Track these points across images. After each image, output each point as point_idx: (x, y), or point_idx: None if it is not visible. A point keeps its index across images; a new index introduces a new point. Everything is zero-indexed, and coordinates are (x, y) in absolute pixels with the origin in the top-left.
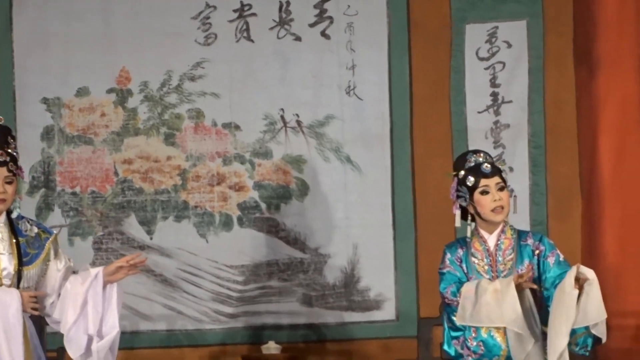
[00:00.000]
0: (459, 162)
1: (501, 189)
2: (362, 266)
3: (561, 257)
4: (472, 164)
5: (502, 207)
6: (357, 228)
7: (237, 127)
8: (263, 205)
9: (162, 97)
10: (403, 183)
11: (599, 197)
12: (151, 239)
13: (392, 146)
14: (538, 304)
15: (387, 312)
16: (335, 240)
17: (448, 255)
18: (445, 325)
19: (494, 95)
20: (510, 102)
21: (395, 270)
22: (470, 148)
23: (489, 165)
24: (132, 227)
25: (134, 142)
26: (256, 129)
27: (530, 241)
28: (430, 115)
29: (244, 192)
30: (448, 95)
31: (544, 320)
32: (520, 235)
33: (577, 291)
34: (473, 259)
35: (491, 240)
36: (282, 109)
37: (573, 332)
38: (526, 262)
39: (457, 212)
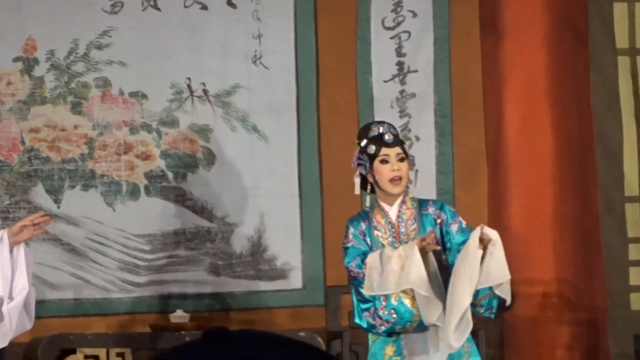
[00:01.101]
0: (363, 131)
1: (401, 159)
2: (269, 235)
3: (464, 224)
4: (375, 134)
5: (400, 178)
6: (263, 197)
7: (144, 96)
8: (170, 174)
9: (69, 66)
10: (309, 153)
11: (505, 166)
12: (58, 207)
13: (299, 115)
14: (444, 273)
15: (294, 281)
16: (242, 209)
17: (351, 230)
18: (354, 299)
19: (400, 64)
20: (415, 71)
21: (302, 240)
22: (376, 117)
23: (391, 135)
24: (39, 196)
25: (40, 110)
26: (163, 98)
27: (431, 210)
28: (337, 85)
29: (151, 161)
30: (354, 65)
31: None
32: (421, 204)
33: (481, 251)
34: (376, 232)
35: (392, 211)
36: (189, 78)
37: (477, 294)
38: (428, 230)
39: (357, 180)
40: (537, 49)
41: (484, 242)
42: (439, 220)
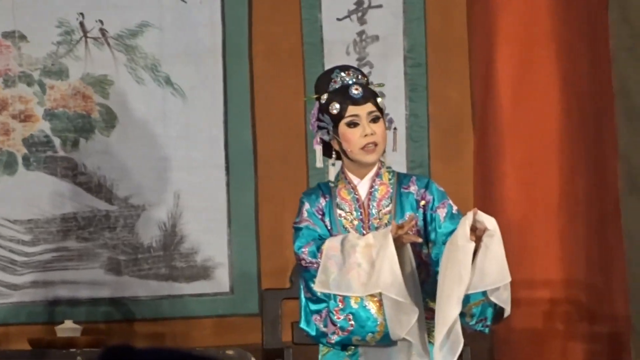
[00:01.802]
0: (322, 81)
1: (375, 119)
2: (187, 221)
3: (454, 209)
4: (338, 85)
5: (376, 144)
6: (179, 171)
7: (23, 38)
8: (57, 141)
9: None
10: (239, 112)
11: (497, 131)
12: None
13: (225, 63)
14: (425, 271)
15: (219, 283)
16: (151, 187)
17: (306, 206)
18: (303, 297)
19: None
20: (379, 6)
21: (229, 227)
22: (327, 65)
23: (359, 88)
24: None
25: None
26: (47, 40)
27: (413, 188)
28: (275, 23)
29: (32, 123)
30: None
31: (432, 293)
32: (400, 180)
33: (473, 244)
34: (339, 211)
35: (362, 186)
36: (82, 14)
37: (467, 300)
38: (408, 215)
39: (318, 148)
40: None
41: (477, 233)
42: (422, 202)
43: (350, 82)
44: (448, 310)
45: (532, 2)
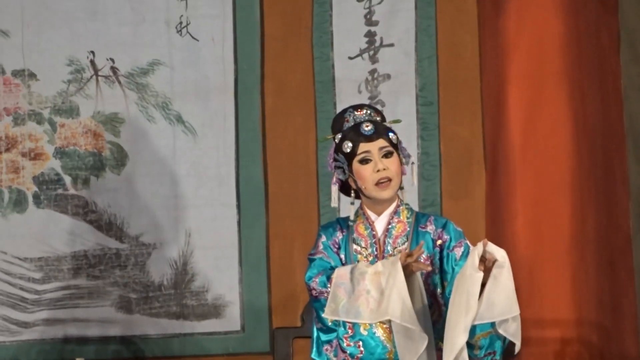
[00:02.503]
0: (336, 121)
1: (387, 154)
2: (198, 260)
3: (471, 249)
4: (351, 124)
5: (390, 179)
6: (190, 209)
7: (33, 76)
8: (67, 179)
9: None
10: (250, 150)
11: (508, 169)
12: None
13: (237, 102)
14: (438, 311)
15: (230, 321)
16: (162, 225)
17: (322, 239)
18: (314, 328)
19: (370, 35)
20: (391, 45)
21: (240, 266)
22: (339, 104)
23: (370, 125)
24: None
25: None
26: (58, 78)
27: (430, 227)
28: (286, 61)
29: (42, 161)
30: (310, 36)
31: (442, 334)
32: (418, 219)
33: (481, 274)
34: (355, 246)
35: (379, 223)
36: (92, 52)
37: (474, 331)
38: (424, 255)
39: (334, 188)
40: (549, 15)
41: (486, 264)
42: (439, 242)
43: (362, 119)
44: (455, 338)
45: (543, 42)
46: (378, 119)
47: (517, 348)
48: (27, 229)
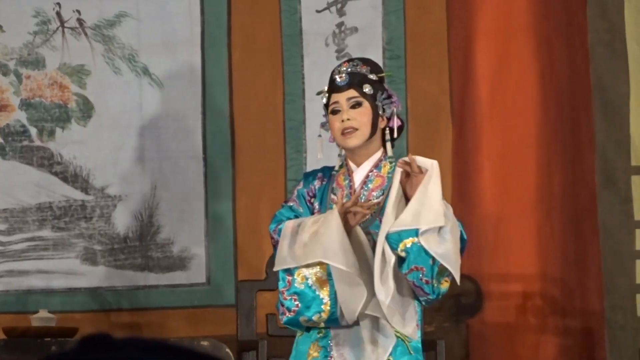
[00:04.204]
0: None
1: (355, 105)
2: (163, 212)
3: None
4: (331, 77)
5: (355, 129)
6: (155, 161)
7: None
8: (33, 131)
9: None
10: (217, 102)
11: (475, 124)
12: None
13: (204, 54)
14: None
15: (195, 273)
16: (127, 176)
17: (299, 186)
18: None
19: None
20: None
21: (206, 218)
22: (306, 57)
23: (344, 76)
24: None
25: None
26: (23, 30)
27: None
28: (253, 14)
29: (8, 112)
30: None
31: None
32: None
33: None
34: (332, 195)
35: (358, 174)
36: (59, 4)
37: (400, 238)
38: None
39: (319, 140)
40: None
41: (413, 175)
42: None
43: (340, 71)
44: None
45: None
46: (363, 70)
47: (455, 276)
48: None
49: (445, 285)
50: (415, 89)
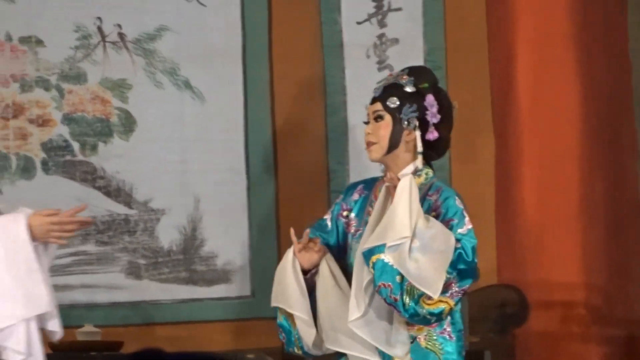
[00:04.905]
0: None
1: (377, 118)
2: (207, 225)
3: (462, 229)
4: None
5: (373, 143)
6: (198, 175)
7: (39, 42)
8: (75, 145)
9: None
10: (259, 115)
11: (516, 134)
12: None
13: (245, 66)
14: None
15: (240, 286)
16: (170, 190)
17: (339, 199)
18: None
19: (378, 0)
20: (399, 9)
21: (250, 231)
22: (347, 68)
23: (378, 88)
24: None
25: None
26: (65, 45)
27: (434, 197)
28: (294, 27)
29: (50, 127)
30: (317, 0)
31: None
32: (431, 187)
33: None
34: (369, 208)
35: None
36: (99, 18)
37: (370, 254)
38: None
39: None
40: None
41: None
42: (433, 213)
43: (381, 82)
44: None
45: (551, 5)
46: (402, 81)
47: (432, 295)
48: (35, 196)
49: (432, 306)
50: (456, 99)
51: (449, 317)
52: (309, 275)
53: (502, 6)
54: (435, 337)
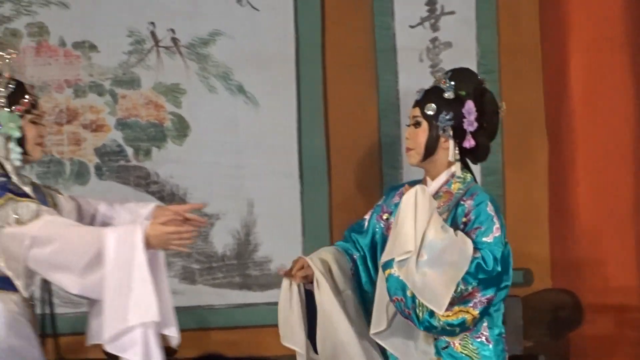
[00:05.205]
0: None
1: (415, 124)
2: (261, 230)
3: (487, 237)
4: None
5: (410, 149)
6: (252, 179)
7: (93, 47)
8: (129, 150)
9: None
10: (312, 119)
11: (571, 138)
12: None
13: (298, 71)
14: None
15: None
16: (224, 195)
17: (381, 200)
18: None
19: (431, 4)
20: (452, 13)
21: (304, 236)
22: (400, 72)
23: (420, 92)
24: None
25: None
26: (118, 50)
27: (468, 203)
28: (348, 30)
29: (104, 132)
30: (370, 4)
31: None
32: (466, 192)
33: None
34: None
35: (430, 188)
36: (153, 23)
37: (384, 268)
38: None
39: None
40: None
41: None
42: (463, 219)
43: (424, 86)
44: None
45: (605, 7)
46: (443, 86)
47: (437, 311)
48: None
49: (450, 318)
50: (509, 103)
51: (484, 322)
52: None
53: (556, 9)
54: (470, 342)
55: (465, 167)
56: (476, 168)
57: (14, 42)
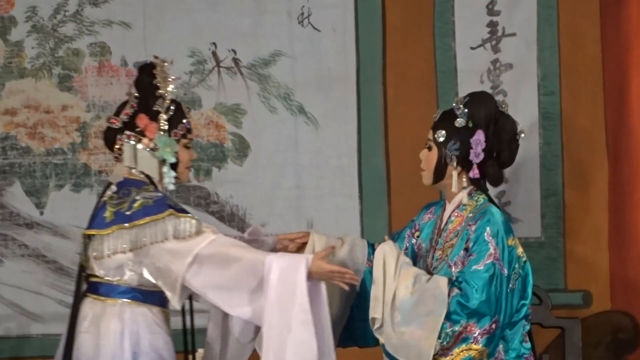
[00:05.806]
0: None
1: (429, 147)
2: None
3: (478, 265)
4: None
5: (423, 170)
6: (312, 199)
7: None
8: None
9: (56, 28)
10: (372, 140)
11: (631, 159)
12: (41, 214)
13: (359, 92)
14: None
15: None
16: (284, 216)
17: (416, 216)
18: None
19: (492, 25)
20: (513, 34)
21: None
22: (461, 93)
23: (438, 113)
24: (16, 198)
25: (18, 86)
26: (180, 70)
27: (472, 229)
28: (408, 51)
29: None
30: (431, 25)
31: None
32: (477, 215)
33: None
34: (435, 234)
35: (447, 212)
36: (214, 44)
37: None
38: (456, 256)
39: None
40: None
41: None
42: (465, 245)
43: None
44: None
45: None
46: (457, 112)
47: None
48: None
49: (463, 354)
50: (570, 124)
51: (500, 345)
52: None
53: (617, 30)
54: None
55: (480, 189)
56: (535, 186)
57: (76, 61)
